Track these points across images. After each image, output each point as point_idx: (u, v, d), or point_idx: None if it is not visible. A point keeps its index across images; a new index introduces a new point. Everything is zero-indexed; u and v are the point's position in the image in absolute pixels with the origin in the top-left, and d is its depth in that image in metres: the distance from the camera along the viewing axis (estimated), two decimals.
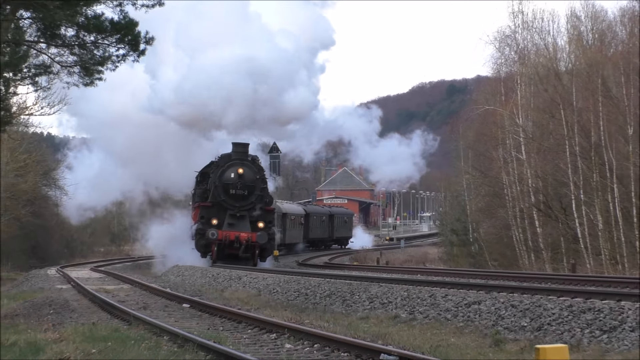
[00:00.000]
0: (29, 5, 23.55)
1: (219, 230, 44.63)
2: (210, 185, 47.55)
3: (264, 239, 45.16)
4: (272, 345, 16.36)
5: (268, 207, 47.74)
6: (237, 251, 45.25)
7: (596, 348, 14.58)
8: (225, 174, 45.93)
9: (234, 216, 45.61)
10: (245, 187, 45.71)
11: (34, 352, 15.16)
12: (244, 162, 46.51)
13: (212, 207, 46.16)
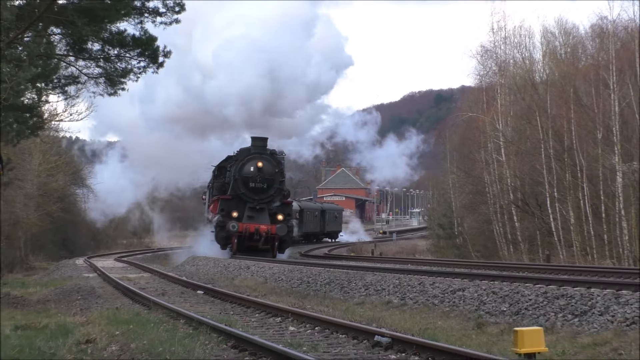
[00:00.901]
0: (59, 22, 23.55)
1: (239, 223, 42.31)
2: (229, 178, 45.23)
3: (283, 231, 42.82)
4: (278, 327, 16.36)
5: (286, 200, 45.53)
6: (256, 243, 42.84)
7: (568, 330, 14.57)
8: (245, 167, 43.58)
9: (253, 209, 43.29)
10: (265, 180, 43.40)
11: (64, 334, 15.16)
12: (263, 155, 44.04)
13: (231, 200, 43.85)
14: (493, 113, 47.57)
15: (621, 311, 14.50)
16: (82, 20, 22.87)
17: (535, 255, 42.21)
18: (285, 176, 46.75)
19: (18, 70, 20.02)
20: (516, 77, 49.16)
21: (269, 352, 12.19)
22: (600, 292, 15.97)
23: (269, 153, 44.67)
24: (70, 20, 22.97)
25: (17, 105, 22.48)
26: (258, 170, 43.15)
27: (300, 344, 13.41)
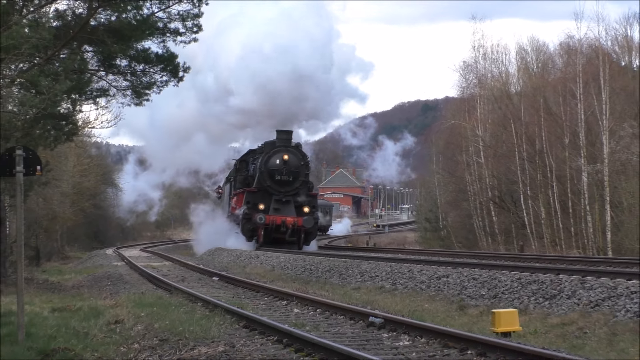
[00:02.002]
0: (91, 41, 23.57)
1: (266, 215, 38.79)
2: (254, 171, 41.58)
3: (310, 224, 39.27)
4: (284, 310, 16.38)
5: (312, 193, 41.96)
6: (283, 235, 39.01)
7: (540, 312, 14.59)
8: (271, 160, 39.77)
9: (279, 201, 39.55)
10: (290, 173, 39.70)
11: (95, 316, 15.19)
12: (289, 148, 40.19)
13: (257, 192, 39.98)
14: (473, 120, 47.59)
15: (586, 295, 14.51)
16: (112, 39, 22.92)
17: (510, 245, 42.23)
18: (310, 169, 43.17)
19: (55, 83, 20.04)
20: (494, 89, 49.17)
21: (276, 332, 12.22)
22: (568, 278, 15.99)
23: (294, 146, 41.03)
24: (101, 40, 23.00)
25: (54, 114, 22.48)
26: (284, 162, 39.63)
27: (304, 324, 13.44)
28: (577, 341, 12.16)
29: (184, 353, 10.90)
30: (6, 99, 19.04)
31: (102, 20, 23.47)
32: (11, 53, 16.65)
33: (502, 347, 10.09)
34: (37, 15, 22.03)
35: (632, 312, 13.00)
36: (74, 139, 29.20)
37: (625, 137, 36.93)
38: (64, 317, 15.06)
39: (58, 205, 47.39)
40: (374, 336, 12.17)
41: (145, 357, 10.98)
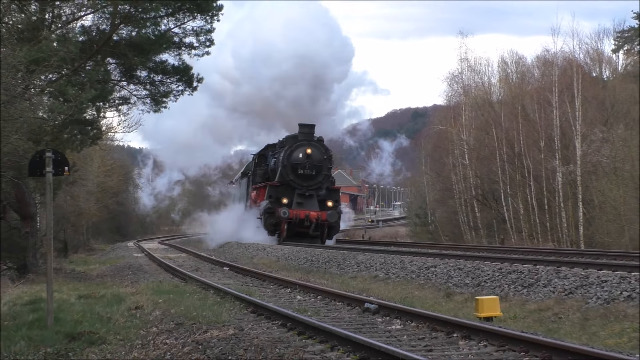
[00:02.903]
0: (114, 54, 23.60)
1: (289, 209, 35.36)
2: (275, 165, 38.07)
3: (334, 218, 35.86)
4: (288, 296, 16.37)
5: (334, 187, 38.15)
6: (307, 229, 35.44)
7: (519, 299, 14.58)
8: (294, 154, 36.15)
9: (302, 195, 35.97)
10: (313, 167, 36.09)
11: (118, 302, 15.19)
12: (312, 142, 36.59)
13: (279, 186, 36.34)
14: (459, 126, 47.54)
15: (561, 283, 14.50)
16: (132, 52, 22.96)
17: (492, 239, 42.24)
18: (332, 163, 38.99)
19: (81, 92, 20.06)
20: (477, 97, 49.13)
21: (281, 316, 12.21)
22: (544, 268, 15.98)
23: (317, 140, 37.33)
24: (123, 53, 23.04)
25: (80, 120, 22.51)
26: (307, 156, 36.04)
27: (306, 310, 13.43)
28: (552, 325, 12.15)
29: (197, 336, 10.91)
30: (37, 107, 19.03)
31: (124, 35, 23.52)
32: (41, 65, 16.64)
33: (484, 331, 10.09)
34: (65, 30, 22.06)
35: (602, 299, 12.99)
36: (99, 143, 29.28)
37: (596, 141, 36.94)
38: (89, 304, 15.07)
39: (84, 203, 47.42)
40: (369, 320, 12.17)
41: (162, 339, 10.98)
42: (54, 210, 14.18)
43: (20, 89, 13.23)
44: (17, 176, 19.69)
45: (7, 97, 12.01)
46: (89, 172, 44.98)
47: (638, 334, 9.99)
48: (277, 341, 10.05)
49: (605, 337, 10.82)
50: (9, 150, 12.91)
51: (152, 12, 22.72)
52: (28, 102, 15.76)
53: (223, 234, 43.57)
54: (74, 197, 43.09)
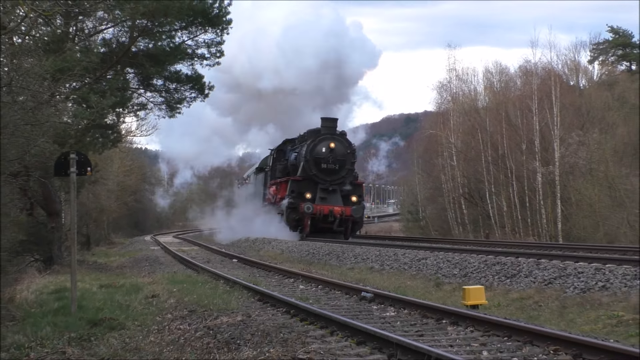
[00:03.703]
0: (132, 64, 23.59)
1: (314, 204, 31.94)
2: (296, 159, 34.53)
3: (359, 213, 32.57)
4: (291, 286, 16.38)
5: (358, 181, 34.36)
6: (330, 225, 32.00)
7: (502, 288, 14.58)
8: (317, 148, 32.54)
9: (325, 190, 32.48)
10: (337, 161, 32.53)
11: (136, 291, 15.19)
12: (335, 136, 33.02)
13: (302, 181, 32.75)
14: (447, 130, 47.51)
15: (541, 274, 14.50)
16: (149, 63, 22.95)
17: (478, 233, 42.21)
18: (356, 157, 34.91)
19: (102, 99, 20.06)
20: (464, 104, 49.10)
21: (285, 304, 12.21)
22: (526, 260, 15.98)
23: (340, 134, 33.77)
24: (141, 63, 23.04)
25: (101, 124, 22.52)
26: (330, 151, 32.44)
27: (307, 298, 13.43)
28: (533, 312, 12.15)
29: (208, 322, 10.90)
30: (62, 112, 19.02)
31: (141, 47, 23.51)
32: (66, 74, 16.63)
33: (471, 317, 10.09)
34: (87, 42, 22.05)
35: (579, 289, 12.99)
36: (118, 145, 29.27)
37: (573, 144, 36.94)
38: (109, 292, 15.07)
39: (105, 200, 47.45)
40: (365, 308, 12.17)
41: (176, 325, 10.97)
42: (77, 207, 14.18)
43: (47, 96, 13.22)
44: (43, 176, 19.67)
45: (35, 103, 12.00)
46: (109, 172, 44.96)
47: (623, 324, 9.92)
48: (281, 327, 10.05)
49: (582, 324, 10.82)
50: (37, 152, 12.90)
51: (168, 26, 22.72)
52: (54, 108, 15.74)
53: (238, 230, 40.20)
54: (96, 195, 43.10)
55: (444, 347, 8.41)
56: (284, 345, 8.58)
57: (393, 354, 8.09)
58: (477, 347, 8.61)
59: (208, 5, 23.00)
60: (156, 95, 24.98)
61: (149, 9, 20.11)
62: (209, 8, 23.01)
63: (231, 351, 8.70)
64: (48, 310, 12.15)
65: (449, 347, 8.58)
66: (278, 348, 8.44)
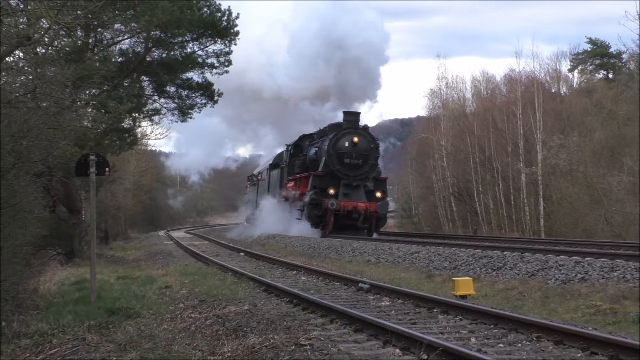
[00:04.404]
0: (147, 72, 23.63)
1: (338, 200, 28.81)
2: (316, 154, 31.33)
3: (385, 209, 29.70)
4: (294, 277, 16.38)
5: (381, 177, 31.03)
6: (355, 222, 29.09)
7: (489, 280, 14.57)
8: (340, 142, 29.38)
9: (348, 186, 29.39)
10: (360, 156, 29.42)
11: (150, 282, 15.20)
12: (358, 130, 29.80)
13: (324, 176, 29.55)
14: (438, 134, 47.48)
15: (525, 267, 14.50)
16: (163, 71, 22.99)
17: (466, 229, 42.18)
18: (380, 152, 31.47)
19: (120, 105, 20.06)
20: (454, 110, 49.03)
21: (288, 294, 12.21)
22: (510, 254, 15.97)
23: (363, 127, 30.39)
24: (155, 71, 23.07)
25: (119, 128, 22.54)
26: (353, 145, 29.30)
27: (309, 289, 13.43)
28: (517, 302, 12.14)
29: (217, 310, 10.90)
30: (82, 117, 19.03)
31: (156, 56, 23.55)
32: (86, 82, 16.62)
33: (460, 307, 10.08)
34: (105, 52, 22.07)
35: (560, 281, 12.98)
36: (134, 148, 29.30)
37: (554, 147, 36.91)
38: (126, 283, 15.08)
39: (122, 198, 47.48)
40: (362, 298, 12.16)
41: (188, 314, 10.97)
42: (97, 204, 14.19)
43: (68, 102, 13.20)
44: (65, 176, 19.71)
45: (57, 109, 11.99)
46: (126, 173, 45.01)
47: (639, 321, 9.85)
48: (285, 315, 10.05)
49: (563, 312, 10.81)
50: (59, 154, 12.89)
51: (180, 37, 22.77)
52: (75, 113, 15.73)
53: (254, 227, 37.31)
54: (114, 193, 43.14)
55: (435, 334, 8.41)
56: (288, 332, 8.57)
57: (388, 340, 8.09)
58: (465, 334, 8.60)
59: (217, 18, 23.03)
60: (169, 102, 25.04)
61: (163, 22, 20.13)
62: (218, 21, 23.05)
63: (238, 338, 8.69)
64: (69, 300, 12.16)
65: (439, 334, 8.58)
66: (282, 335, 8.43)
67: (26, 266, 10.97)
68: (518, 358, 7.25)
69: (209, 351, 8.32)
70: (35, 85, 11.21)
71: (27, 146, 10.36)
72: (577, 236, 29.25)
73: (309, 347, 7.64)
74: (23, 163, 10.36)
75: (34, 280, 11.96)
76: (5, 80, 11.76)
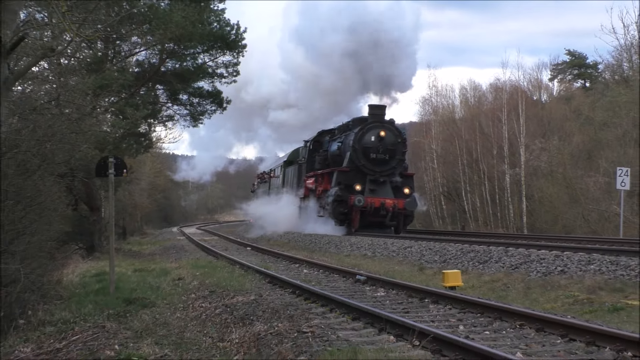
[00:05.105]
0: (161, 81, 23.66)
1: (365, 197, 25.30)
2: (340, 149, 27.66)
3: (414, 206, 26.11)
4: (297, 270, 16.37)
5: (408, 173, 27.55)
6: (382, 219, 25.58)
7: (476, 272, 14.56)
8: (365, 137, 25.87)
9: (374, 182, 25.94)
10: (387, 151, 25.89)
11: (164, 274, 15.20)
12: (385, 124, 26.12)
13: (349, 172, 26.01)
14: (429, 138, 47.46)
15: (509, 260, 14.49)
16: (176, 80, 23.02)
17: (455, 225, 42.18)
18: (407, 147, 28.16)
19: (136, 112, 20.08)
20: (443, 116, 49.01)
21: (291, 285, 12.20)
22: (496, 249, 15.96)
23: (389, 121, 26.61)
24: (169, 81, 23.11)
25: (135, 133, 22.56)
26: (380, 140, 25.77)
27: (310, 280, 13.42)
28: (502, 293, 12.14)
29: (226, 300, 10.90)
30: (102, 122, 19.05)
31: (169, 67, 23.59)
32: (105, 90, 16.65)
33: (449, 297, 10.08)
34: (123, 63, 22.09)
35: (541, 273, 12.97)
36: (150, 151, 29.33)
37: (536, 150, 36.91)
38: (142, 276, 15.08)
39: (138, 197, 47.50)
40: (359, 289, 12.16)
41: (199, 303, 10.97)
42: (115, 203, 14.20)
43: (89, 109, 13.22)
44: (86, 177, 19.69)
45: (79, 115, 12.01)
46: (142, 174, 45.02)
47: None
48: (288, 305, 10.05)
49: (544, 302, 10.81)
50: (80, 157, 12.91)
51: (192, 49, 22.80)
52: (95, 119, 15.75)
53: (271, 224, 33.81)
54: (131, 192, 43.14)
55: (426, 322, 8.40)
56: (291, 321, 8.57)
57: (383, 328, 8.08)
58: (454, 322, 8.60)
59: (226, 32, 23.06)
60: (182, 108, 25.11)
61: (176, 35, 20.16)
62: (227, 34, 23.08)
63: (245, 325, 8.70)
64: (90, 290, 12.16)
65: (430, 322, 8.57)
66: (285, 323, 8.43)
67: (51, 259, 10.98)
68: (502, 344, 7.25)
69: (218, 338, 8.33)
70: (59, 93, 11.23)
71: (51, 149, 10.36)
72: (557, 232, 29.25)
73: (311, 334, 7.64)
74: (47, 165, 10.37)
75: (57, 272, 11.97)
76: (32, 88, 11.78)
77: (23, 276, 8.23)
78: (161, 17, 19.88)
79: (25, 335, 8.31)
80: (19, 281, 8.15)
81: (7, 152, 8.75)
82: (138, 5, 19.95)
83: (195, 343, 8.09)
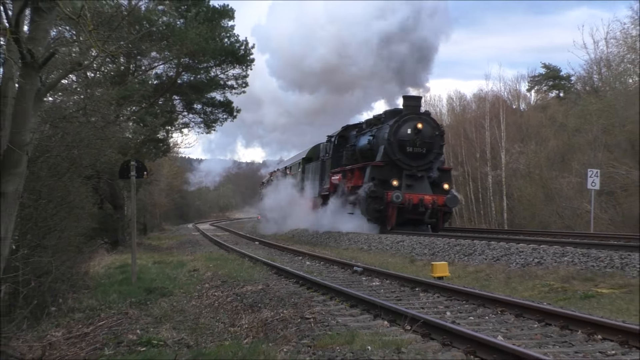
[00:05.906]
0: (178, 92, 23.66)
1: (404, 193, 21.22)
2: (371, 143, 23.35)
3: (455, 203, 21.95)
4: (300, 262, 16.37)
5: (445, 167, 23.05)
6: (420, 216, 21.54)
7: (461, 264, 14.56)
8: (401, 129, 21.75)
9: (411, 177, 21.85)
10: (424, 144, 21.76)
11: (181, 266, 15.22)
12: (422, 116, 22.16)
13: (383, 167, 21.89)
14: None
15: (491, 253, 14.48)
16: (191, 91, 23.02)
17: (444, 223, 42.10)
18: (445, 140, 23.33)
19: (155, 120, 20.09)
20: None
21: (295, 276, 12.20)
22: (479, 243, 15.95)
23: (425, 113, 22.77)
24: (184, 92, 23.11)
25: (154, 139, 22.56)
26: (416, 132, 21.71)
27: (313, 271, 13.43)
28: (485, 282, 12.14)
29: (237, 289, 10.91)
30: (124, 129, 19.07)
31: (185, 79, 23.60)
32: (127, 100, 16.67)
33: (437, 286, 10.09)
34: (144, 76, 22.10)
35: (520, 264, 12.96)
36: (167, 155, 29.34)
37: (515, 153, 36.91)
38: (161, 267, 15.10)
39: (157, 197, 47.50)
40: (356, 279, 12.17)
41: (212, 292, 10.99)
42: (136, 202, 14.22)
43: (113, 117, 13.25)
44: (110, 178, 19.73)
45: (104, 123, 12.04)
46: (160, 176, 44.98)
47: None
48: (292, 293, 10.06)
49: (522, 291, 10.81)
50: (105, 160, 12.94)
51: (205, 63, 22.82)
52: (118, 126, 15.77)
53: (293, 222, 30.28)
54: (151, 192, 43.10)
55: (417, 309, 8.42)
56: (295, 308, 8.59)
57: (378, 314, 8.09)
58: (442, 309, 8.61)
59: (236, 48, 23.07)
60: (196, 117, 25.10)
61: (191, 50, 20.20)
62: (236, 50, 23.08)
63: (254, 312, 8.71)
64: (114, 281, 12.18)
65: (420, 309, 8.59)
66: (290, 310, 8.45)
67: (79, 253, 11.00)
68: (485, 328, 7.26)
69: (230, 323, 8.35)
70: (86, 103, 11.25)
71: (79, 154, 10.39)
72: (534, 227, 29.23)
73: (312, 320, 7.65)
74: (76, 168, 10.40)
75: (85, 264, 11.99)
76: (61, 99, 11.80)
77: (54, 268, 8.26)
78: (177, 34, 19.91)
79: (57, 321, 8.33)
80: (50, 272, 8.17)
81: (40, 157, 8.79)
82: (157, 24, 19.99)
83: (208, 328, 8.10)
